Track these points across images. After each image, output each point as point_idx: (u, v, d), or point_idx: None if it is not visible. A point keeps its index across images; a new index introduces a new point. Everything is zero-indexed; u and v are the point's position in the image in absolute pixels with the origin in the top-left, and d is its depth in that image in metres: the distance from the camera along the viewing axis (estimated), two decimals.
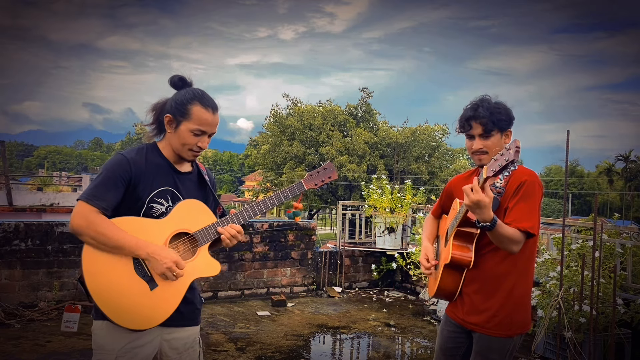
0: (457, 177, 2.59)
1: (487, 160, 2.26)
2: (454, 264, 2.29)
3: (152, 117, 2.14)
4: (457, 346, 2.44)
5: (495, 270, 2.28)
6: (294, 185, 2.22)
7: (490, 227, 2.05)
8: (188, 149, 2.07)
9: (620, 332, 4.37)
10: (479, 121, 2.24)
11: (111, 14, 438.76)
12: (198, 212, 2.11)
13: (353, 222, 8.19)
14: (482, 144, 2.26)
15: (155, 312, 1.99)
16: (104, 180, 1.98)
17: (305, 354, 4.85)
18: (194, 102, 2.05)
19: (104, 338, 2.01)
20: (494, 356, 2.31)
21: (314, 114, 28.39)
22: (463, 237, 2.27)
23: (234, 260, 6.63)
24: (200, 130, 2.05)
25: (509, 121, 2.28)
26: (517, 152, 1.85)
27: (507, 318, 2.28)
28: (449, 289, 2.38)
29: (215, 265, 2.12)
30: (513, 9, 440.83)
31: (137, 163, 2.03)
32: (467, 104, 2.37)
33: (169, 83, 2.13)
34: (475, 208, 2.01)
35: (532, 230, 2.17)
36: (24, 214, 12.41)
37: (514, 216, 2.15)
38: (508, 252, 2.18)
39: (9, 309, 5.34)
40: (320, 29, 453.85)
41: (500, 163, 1.89)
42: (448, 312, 2.50)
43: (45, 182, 23.42)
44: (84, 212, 1.93)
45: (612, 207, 46.24)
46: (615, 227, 5.91)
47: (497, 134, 2.26)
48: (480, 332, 2.32)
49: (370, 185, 7.61)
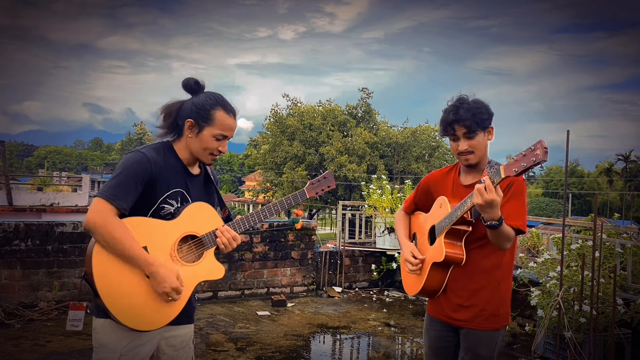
0: (433, 174, 2.60)
1: (474, 160, 2.31)
2: (446, 262, 2.30)
3: (165, 119, 2.12)
4: (446, 345, 2.46)
5: (482, 265, 2.32)
6: (297, 193, 2.30)
7: (498, 225, 2.08)
8: (209, 153, 2.10)
9: (620, 332, 4.37)
10: (462, 123, 2.26)
11: (111, 14, 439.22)
12: (207, 215, 2.13)
13: (353, 222, 8.19)
14: (468, 145, 2.28)
15: (161, 314, 2.01)
16: (125, 179, 1.95)
17: (305, 354, 4.85)
18: (217, 107, 2.07)
19: (107, 336, 2.01)
20: (483, 350, 2.34)
21: (314, 114, 28.41)
22: (454, 234, 2.30)
23: (234, 260, 6.64)
24: (222, 135, 2.08)
25: (490, 118, 2.31)
26: (546, 153, 1.85)
27: (495, 311, 2.33)
28: (435, 287, 2.40)
29: (220, 269, 2.15)
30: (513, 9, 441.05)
31: (157, 163, 2.03)
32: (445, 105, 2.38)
33: (184, 86, 2.11)
34: (487, 207, 2.03)
35: (523, 228, 2.23)
36: (24, 214, 12.43)
37: (506, 214, 2.18)
38: (500, 248, 2.23)
39: (9, 309, 5.34)
40: (320, 29, 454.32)
41: (524, 163, 1.89)
42: (431, 313, 2.50)
43: (45, 182, 23.44)
44: (104, 210, 1.90)
45: (612, 207, 46.25)
46: (615, 227, 5.91)
47: (481, 132, 2.29)
48: (468, 327, 2.34)
49: (370, 185, 7.61)
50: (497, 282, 2.33)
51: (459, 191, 2.37)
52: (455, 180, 2.43)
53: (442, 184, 2.48)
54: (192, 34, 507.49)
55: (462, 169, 2.44)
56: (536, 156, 1.86)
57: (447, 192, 2.41)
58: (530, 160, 1.88)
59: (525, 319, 5.54)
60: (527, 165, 1.88)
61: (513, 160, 1.93)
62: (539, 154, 1.85)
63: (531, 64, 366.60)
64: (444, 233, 2.29)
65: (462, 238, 2.30)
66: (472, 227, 2.28)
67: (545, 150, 1.84)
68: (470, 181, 2.36)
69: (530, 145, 1.90)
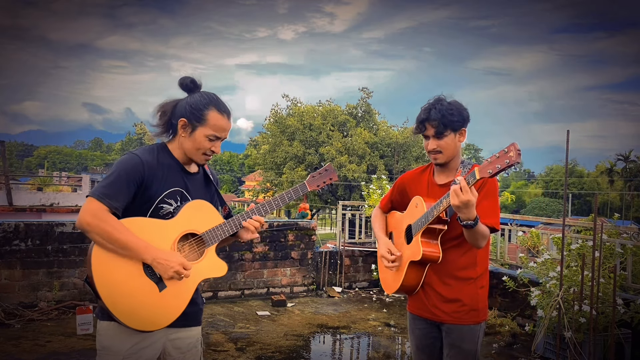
0: (409, 173, 2.65)
1: (442, 159, 2.37)
2: (423, 261, 2.36)
3: (160, 117, 2.12)
4: (432, 342, 2.50)
5: (458, 262, 2.38)
6: (298, 187, 2.29)
7: (474, 225, 2.13)
8: (202, 153, 2.09)
9: (620, 332, 4.37)
10: (431, 123, 2.33)
11: (111, 13, 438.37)
12: (206, 213, 2.13)
13: (353, 222, 8.19)
14: (436, 144, 2.34)
15: (164, 313, 2.00)
16: (116, 180, 1.96)
17: (305, 354, 4.85)
18: (210, 107, 2.06)
19: (111, 339, 2.00)
20: (467, 345, 2.39)
21: (314, 114, 28.41)
22: (430, 233, 2.35)
23: (234, 260, 6.64)
24: (215, 135, 2.07)
25: (462, 121, 2.36)
26: (519, 154, 1.89)
27: (474, 306, 2.39)
28: (413, 284, 2.45)
29: (222, 266, 2.15)
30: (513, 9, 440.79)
31: (150, 164, 2.03)
32: (429, 105, 2.43)
33: (180, 85, 2.11)
34: (463, 208, 2.07)
35: (497, 226, 2.31)
36: (24, 214, 12.43)
37: (480, 213, 2.21)
38: (476, 247, 2.29)
39: (9, 309, 5.34)
40: (320, 29, 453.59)
41: (498, 165, 1.94)
42: (413, 311, 2.54)
43: (45, 182, 23.47)
44: (94, 209, 1.91)
45: (612, 207, 46.28)
46: (615, 227, 5.91)
47: (451, 133, 2.33)
48: (450, 322, 2.39)
49: (370, 185, 7.61)
50: (474, 278, 2.39)
51: (433, 190, 2.43)
52: (430, 180, 2.49)
53: (417, 184, 2.54)
54: (192, 33, 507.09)
55: (435, 168, 2.49)
56: (510, 158, 1.90)
57: (422, 192, 2.46)
58: (504, 162, 1.92)
59: (525, 319, 5.54)
60: (501, 167, 1.93)
61: (487, 162, 1.98)
62: (512, 156, 1.90)
63: (531, 64, 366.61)
64: (420, 232, 2.34)
65: (438, 237, 2.36)
66: (447, 226, 2.34)
67: (518, 153, 1.89)
68: (444, 180, 2.42)
69: (503, 148, 1.94)
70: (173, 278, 1.98)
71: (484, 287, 2.44)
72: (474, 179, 2.02)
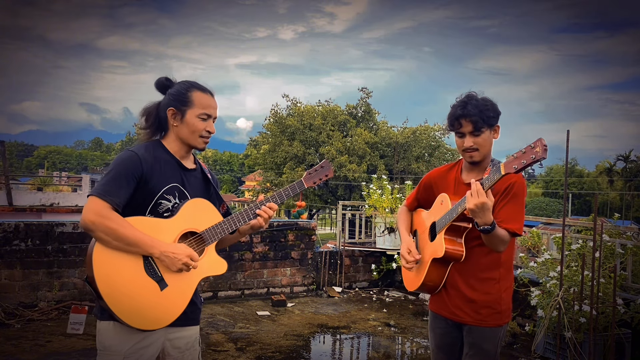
0: (435, 170, 2.60)
1: (478, 157, 2.30)
2: (446, 258, 2.31)
3: (147, 119, 2.17)
4: (453, 341, 2.46)
5: (482, 262, 2.32)
6: (295, 184, 2.29)
7: (491, 229, 2.08)
8: (199, 136, 2.12)
9: (620, 332, 4.37)
10: (469, 119, 2.25)
11: (110, 13, 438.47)
12: (205, 211, 2.14)
13: (353, 222, 8.19)
14: (473, 141, 2.28)
15: (165, 312, 2.00)
16: (115, 177, 1.97)
17: (305, 354, 4.85)
18: (192, 89, 2.13)
19: (112, 339, 2.00)
20: (487, 346, 2.34)
21: (314, 114, 28.37)
22: (454, 231, 2.30)
23: (234, 260, 6.63)
24: (205, 113, 2.11)
25: (497, 117, 2.31)
26: (546, 150, 1.85)
27: (497, 308, 2.33)
28: (435, 283, 2.40)
29: (223, 264, 2.16)
30: (513, 9, 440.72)
31: (147, 159, 2.04)
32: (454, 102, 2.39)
33: (156, 85, 2.17)
34: (478, 212, 2.03)
35: (520, 232, 2.23)
36: (24, 214, 12.41)
37: (503, 217, 2.18)
38: (495, 251, 2.24)
39: (9, 309, 5.34)
40: (320, 29, 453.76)
41: (524, 161, 1.89)
42: (434, 309, 2.51)
43: (45, 182, 23.46)
44: (97, 207, 1.91)
45: (612, 207, 46.24)
46: (616, 227, 5.91)
47: (487, 130, 2.28)
48: (472, 323, 2.34)
49: (371, 185, 7.60)
50: (497, 279, 2.33)
51: (460, 188, 2.37)
52: (457, 178, 2.43)
53: (444, 181, 2.49)
54: (192, 33, 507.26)
55: (464, 166, 2.43)
56: (536, 153, 1.86)
57: (449, 189, 2.41)
58: (530, 158, 1.88)
59: (525, 319, 5.54)
60: (527, 163, 1.88)
61: (512, 158, 1.93)
62: (538, 151, 1.85)
63: (531, 63, 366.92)
64: (444, 229, 2.29)
65: (463, 235, 2.30)
66: (472, 225, 2.27)
67: (544, 148, 1.84)
68: (472, 179, 2.36)
69: (530, 143, 1.89)
70: (182, 270, 1.99)
71: (508, 288, 2.38)
72: (500, 174, 1.97)
